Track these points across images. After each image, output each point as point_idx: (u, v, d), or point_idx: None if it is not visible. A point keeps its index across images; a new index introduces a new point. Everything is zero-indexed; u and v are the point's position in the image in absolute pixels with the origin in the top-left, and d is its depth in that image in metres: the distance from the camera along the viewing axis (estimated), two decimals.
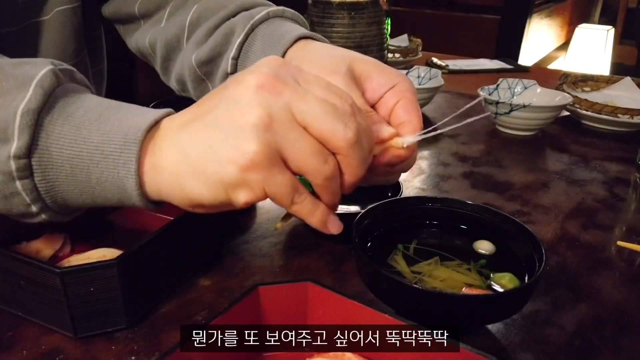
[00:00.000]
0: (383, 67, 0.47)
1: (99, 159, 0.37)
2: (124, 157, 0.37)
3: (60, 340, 0.44)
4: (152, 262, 0.46)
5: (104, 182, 0.38)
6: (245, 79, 0.35)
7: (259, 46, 0.54)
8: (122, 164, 0.37)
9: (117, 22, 0.70)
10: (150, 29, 0.65)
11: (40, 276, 0.42)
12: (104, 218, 0.59)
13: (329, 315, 0.40)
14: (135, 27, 0.67)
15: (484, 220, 0.53)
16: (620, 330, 0.47)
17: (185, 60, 0.61)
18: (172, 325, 0.46)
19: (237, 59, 0.56)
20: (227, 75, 0.56)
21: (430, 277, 0.48)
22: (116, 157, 0.37)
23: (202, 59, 0.58)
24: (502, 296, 0.44)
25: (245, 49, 0.56)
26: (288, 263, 0.55)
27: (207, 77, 0.60)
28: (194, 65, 0.59)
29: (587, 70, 2.51)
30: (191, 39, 0.60)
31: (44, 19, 0.60)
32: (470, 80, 1.30)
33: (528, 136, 0.96)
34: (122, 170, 0.37)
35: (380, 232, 0.53)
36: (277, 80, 0.35)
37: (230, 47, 0.56)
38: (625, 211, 0.70)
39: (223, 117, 0.35)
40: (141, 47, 0.67)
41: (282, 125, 0.34)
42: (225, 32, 0.57)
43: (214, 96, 0.37)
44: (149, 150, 0.37)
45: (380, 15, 1.03)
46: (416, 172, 0.79)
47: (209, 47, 0.57)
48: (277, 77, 0.35)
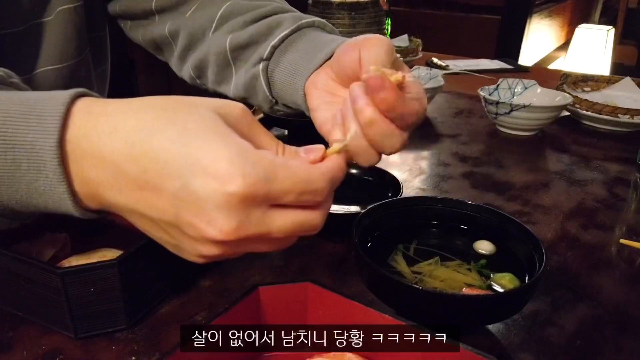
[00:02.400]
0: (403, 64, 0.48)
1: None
2: (57, 194, 0.35)
3: (60, 341, 0.44)
4: (152, 262, 0.46)
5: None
6: (202, 227, 0.32)
7: (303, 46, 0.55)
8: (58, 199, 0.35)
9: (128, 18, 0.70)
10: (170, 20, 0.66)
11: (41, 276, 0.42)
12: (104, 219, 0.58)
13: (329, 315, 0.40)
14: (149, 22, 0.68)
15: (484, 221, 0.53)
16: (620, 330, 0.47)
17: (214, 46, 0.61)
18: (172, 326, 0.46)
19: (276, 48, 0.56)
20: (262, 60, 0.57)
21: (430, 277, 0.48)
22: (50, 193, 0.35)
23: (240, 43, 0.59)
24: (502, 296, 0.44)
25: (287, 42, 0.56)
26: (288, 263, 0.55)
27: (235, 62, 0.61)
28: (227, 49, 0.60)
29: (588, 70, 2.51)
30: (223, 27, 0.61)
31: (47, 19, 0.60)
32: (471, 80, 1.30)
33: (528, 136, 0.96)
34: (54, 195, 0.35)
35: (380, 232, 0.53)
36: (239, 232, 0.32)
37: (272, 37, 0.57)
38: (625, 211, 0.70)
39: (173, 233, 0.34)
40: (158, 37, 0.67)
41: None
42: (270, 24, 0.58)
43: (160, 185, 0.33)
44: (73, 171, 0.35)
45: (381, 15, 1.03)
46: (416, 172, 0.79)
47: (250, 33, 0.58)
48: (240, 227, 0.32)
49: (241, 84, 0.60)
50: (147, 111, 0.34)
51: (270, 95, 0.58)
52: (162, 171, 0.32)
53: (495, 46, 2.75)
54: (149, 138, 0.33)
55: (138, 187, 0.33)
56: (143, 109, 0.34)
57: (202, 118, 0.33)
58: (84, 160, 0.34)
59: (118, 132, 0.33)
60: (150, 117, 0.33)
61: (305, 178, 0.33)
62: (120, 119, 0.34)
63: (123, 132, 0.33)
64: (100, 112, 0.35)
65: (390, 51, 0.45)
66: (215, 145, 0.32)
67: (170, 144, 0.32)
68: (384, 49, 0.45)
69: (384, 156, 0.44)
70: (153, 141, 0.32)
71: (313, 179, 0.34)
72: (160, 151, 0.32)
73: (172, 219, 0.33)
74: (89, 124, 0.34)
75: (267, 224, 0.33)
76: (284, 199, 0.33)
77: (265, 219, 0.33)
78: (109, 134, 0.34)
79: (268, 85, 0.57)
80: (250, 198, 0.31)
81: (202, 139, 0.32)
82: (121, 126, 0.33)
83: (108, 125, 0.34)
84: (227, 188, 0.31)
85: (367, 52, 0.45)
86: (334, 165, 0.35)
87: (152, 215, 0.34)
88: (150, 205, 0.33)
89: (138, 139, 0.33)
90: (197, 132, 0.32)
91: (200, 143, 0.32)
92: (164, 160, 0.32)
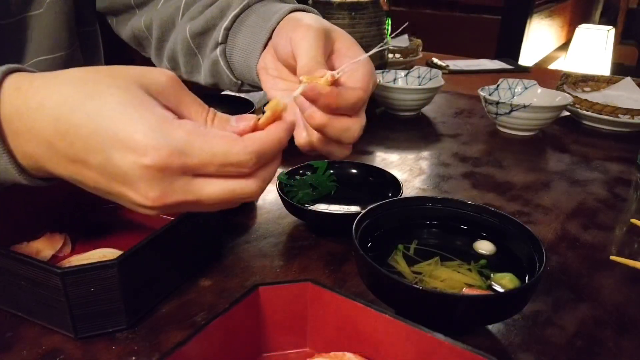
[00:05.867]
0: (353, 42, 0.48)
1: None
2: (2, 164, 0.37)
3: (60, 341, 0.44)
4: (152, 262, 0.46)
5: None
6: (131, 196, 0.34)
7: (253, 20, 0.55)
8: (4, 169, 0.37)
9: (112, 14, 0.70)
10: (145, 13, 0.66)
11: (41, 276, 0.42)
12: (104, 218, 0.59)
13: (329, 315, 0.40)
14: (130, 16, 0.68)
15: (484, 221, 0.53)
16: (620, 330, 0.47)
17: (179, 35, 0.61)
18: (172, 326, 0.46)
19: (229, 30, 0.57)
20: (217, 44, 0.57)
21: (430, 277, 0.48)
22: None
23: (197, 30, 0.59)
24: (502, 296, 0.44)
25: (238, 22, 0.56)
26: (288, 263, 0.55)
27: (199, 49, 0.61)
28: (188, 37, 0.60)
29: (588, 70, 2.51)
30: (186, 15, 0.61)
31: (36, 12, 0.60)
32: (471, 80, 1.30)
33: (528, 136, 0.95)
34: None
35: (380, 232, 0.53)
36: (166, 199, 0.34)
37: (224, 19, 0.57)
38: (626, 211, 0.70)
39: (112, 196, 0.36)
40: (136, 31, 0.67)
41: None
42: (222, 5, 0.58)
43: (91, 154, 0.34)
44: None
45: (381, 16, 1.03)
46: (416, 172, 0.79)
47: (205, 18, 0.58)
48: (164, 195, 0.34)
49: (207, 71, 0.61)
50: (69, 85, 0.35)
51: (235, 78, 0.58)
52: (86, 145, 0.34)
53: (495, 46, 2.75)
54: (71, 114, 0.34)
55: (70, 160, 0.35)
56: (66, 82, 0.35)
57: (121, 90, 0.34)
58: (19, 136, 0.36)
59: (44, 109, 0.35)
60: (72, 91, 0.35)
61: (224, 150, 0.34)
62: (45, 94, 0.35)
63: (48, 108, 0.35)
64: (27, 87, 0.36)
65: (318, 36, 0.45)
66: (131, 118, 0.33)
67: (89, 120, 0.34)
68: (313, 38, 0.44)
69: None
70: (74, 117, 0.34)
71: (233, 151, 0.34)
72: (82, 127, 0.34)
73: (106, 188, 0.35)
74: (18, 100, 0.36)
75: (194, 192, 0.34)
76: (205, 170, 0.34)
77: (191, 187, 0.34)
78: (36, 109, 0.35)
79: (229, 69, 0.58)
80: (166, 169, 0.33)
81: (119, 112, 0.33)
82: (46, 101, 0.35)
83: (34, 101, 0.35)
84: (143, 160, 0.32)
85: (298, 49, 0.45)
86: (262, 137, 0.35)
87: (89, 185, 0.36)
88: (85, 177, 0.35)
89: (61, 114, 0.34)
90: (114, 106, 0.33)
91: (117, 116, 0.33)
92: (85, 135, 0.34)
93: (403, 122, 1.02)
